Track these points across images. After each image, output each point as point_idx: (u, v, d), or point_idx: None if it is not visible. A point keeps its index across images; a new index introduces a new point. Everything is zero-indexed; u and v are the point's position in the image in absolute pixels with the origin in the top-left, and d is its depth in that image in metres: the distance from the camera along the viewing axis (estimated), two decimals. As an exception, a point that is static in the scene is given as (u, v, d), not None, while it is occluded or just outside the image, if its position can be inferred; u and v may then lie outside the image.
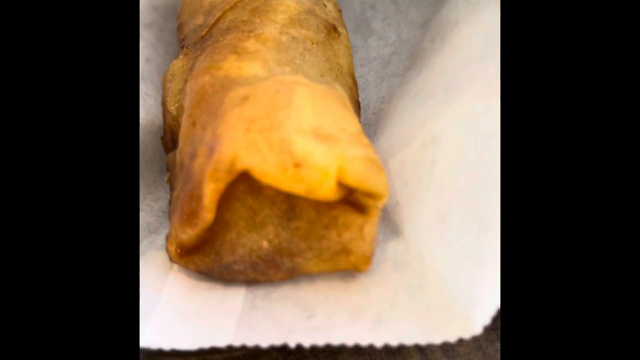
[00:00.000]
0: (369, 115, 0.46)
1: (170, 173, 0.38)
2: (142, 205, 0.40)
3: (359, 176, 0.30)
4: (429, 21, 0.50)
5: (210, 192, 0.30)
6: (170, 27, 0.52)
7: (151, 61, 0.48)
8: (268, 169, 0.29)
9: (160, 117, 0.43)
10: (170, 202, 0.38)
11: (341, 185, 0.30)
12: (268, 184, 0.30)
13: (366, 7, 0.54)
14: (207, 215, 0.31)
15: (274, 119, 0.30)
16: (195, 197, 0.31)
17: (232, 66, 0.35)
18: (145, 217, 0.39)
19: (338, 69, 0.40)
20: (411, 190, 0.35)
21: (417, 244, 0.33)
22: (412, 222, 0.34)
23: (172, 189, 0.38)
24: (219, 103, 0.33)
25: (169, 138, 0.40)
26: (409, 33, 0.51)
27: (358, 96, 0.42)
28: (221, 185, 0.30)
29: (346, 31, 0.43)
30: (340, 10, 0.45)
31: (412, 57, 0.48)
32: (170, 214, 0.36)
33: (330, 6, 0.44)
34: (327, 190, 0.29)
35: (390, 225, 0.35)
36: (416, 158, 0.35)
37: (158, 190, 0.41)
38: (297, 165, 0.29)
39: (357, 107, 0.41)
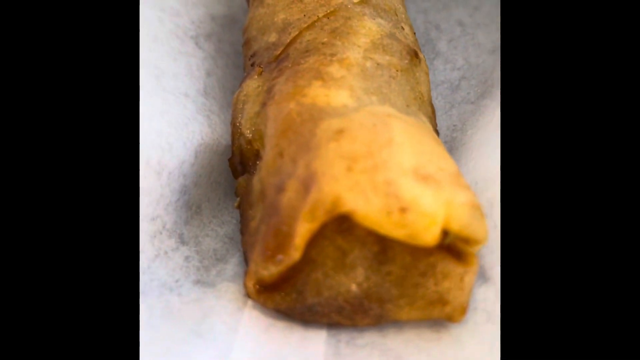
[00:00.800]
0: (440, 144, 0.44)
1: (241, 199, 0.37)
2: (207, 230, 0.38)
3: (464, 223, 0.28)
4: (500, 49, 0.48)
5: (304, 231, 0.28)
6: (228, 37, 0.50)
7: (212, 75, 0.46)
8: (372, 213, 0.27)
9: (227, 136, 0.41)
10: (242, 231, 0.36)
11: (443, 231, 0.28)
12: (368, 227, 0.28)
13: (430, 26, 0.52)
14: (296, 253, 0.29)
15: (378, 158, 0.28)
16: (283, 233, 0.29)
17: (318, 94, 0.33)
18: (211, 243, 0.37)
19: (420, 98, 0.38)
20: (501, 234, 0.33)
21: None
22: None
23: (243, 216, 0.36)
24: (309, 134, 0.31)
25: (238, 161, 0.38)
26: (478, 58, 0.49)
27: (436, 125, 0.40)
28: (316, 226, 0.28)
29: (423, 55, 0.41)
30: (415, 33, 0.43)
31: (484, 84, 0.46)
32: (245, 245, 0.34)
33: (407, 29, 0.42)
34: (431, 237, 0.28)
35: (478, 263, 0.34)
36: (508, 200, 0.34)
37: (223, 214, 0.39)
38: (403, 209, 0.27)
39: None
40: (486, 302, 0.32)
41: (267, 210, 0.32)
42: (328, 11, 0.39)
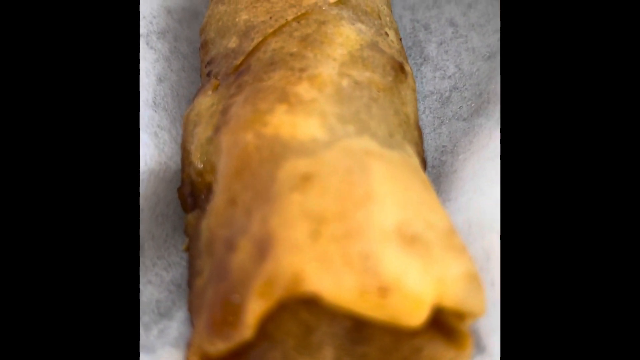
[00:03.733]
0: (428, 169, 0.38)
1: (191, 241, 0.31)
2: (150, 276, 0.32)
3: (458, 299, 0.23)
4: (497, 54, 0.42)
5: (257, 308, 0.22)
6: (186, 34, 0.44)
7: (164, 81, 0.39)
8: (343, 294, 0.21)
9: (177, 158, 0.35)
10: (189, 284, 0.30)
11: (433, 308, 0.23)
12: (338, 307, 0.22)
13: (418, 26, 0.46)
14: (247, 332, 0.23)
15: (352, 220, 0.22)
16: (233, 305, 0.24)
17: (283, 122, 0.27)
18: (154, 292, 0.31)
19: (406, 122, 0.32)
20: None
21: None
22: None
23: (191, 264, 0.30)
24: (269, 178, 0.25)
25: (189, 192, 0.32)
26: (472, 65, 0.43)
27: (423, 151, 0.34)
28: (272, 303, 0.22)
29: (410, 67, 0.35)
30: (401, 39, 0.37)
31: (479, 98, 0.40)
32: (190, 305, 0.28)
33: (392, 35, 0.36)
34: (417, 320, 0.22)
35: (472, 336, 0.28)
36: (509, 254, 0.28)
37: (170, 254, 0.33)
38: (383, 290, 0.21)
39: (424, 165, 0.33)
40: (481, 381, 0.26)
41: (215, 269, 0.26)
42: (299, 13, 0.33)
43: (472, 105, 0.40)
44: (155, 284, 0.32)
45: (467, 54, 0.44)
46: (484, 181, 0.33)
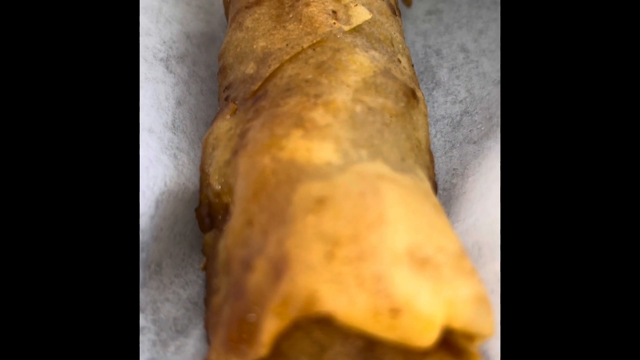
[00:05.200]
0: (439, 191, 0.39)
1: (208, 260, 0.32)
2: (167, 293, 0.33)
3: (468, 321, 0.23)
4: (508, 79, 0.43)
5: (273, 328, 0.23)
6: (204, 59, 0.45)
7: (183, 104, 0.41)
8: (356, 314, 0.22)
9: (195, 179, 0.36)
10: (205, 302, 0.31)
11: (444, 329, 0.23)
12: (352, 327, 0.23)
13: (430, 52, 0.47)
14: (262, 350, 0.24)
15: (365, 243, 0.23)
16: (249, 324, 0.24)
17: (298, 147, 0.28)
18: (172, 310, 0.32)
19: (418, 147, 0.33)
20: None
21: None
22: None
23: (208, 283, 0.31)
24: (284, 201, 0.26)
25: (206, 213, 0.33)
26: (482, 89, 0.44)
27: (434, 174, 0.35)
28: (287, 322, 0.23)
29: (422, 93, 0.36)
30: (413, 65, 0.38)
31: (489, 121, 0.41)
32: (207, 322, 0.29)
33: (404, 62, 0.37)
34: (427, 341, 0.23)
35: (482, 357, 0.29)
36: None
37: (187, 273, 0.34)
38: (394, 311, 0.22)
39: (435, 189, 0.34)
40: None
41: (231, 288, 0.26)
42: (314, 41, 0.34)
43: (482, 128, 0.41)
44: (173, 301, 0.33)
45: (477, 79, 0.45)
46: (490, 203, 0.33)
